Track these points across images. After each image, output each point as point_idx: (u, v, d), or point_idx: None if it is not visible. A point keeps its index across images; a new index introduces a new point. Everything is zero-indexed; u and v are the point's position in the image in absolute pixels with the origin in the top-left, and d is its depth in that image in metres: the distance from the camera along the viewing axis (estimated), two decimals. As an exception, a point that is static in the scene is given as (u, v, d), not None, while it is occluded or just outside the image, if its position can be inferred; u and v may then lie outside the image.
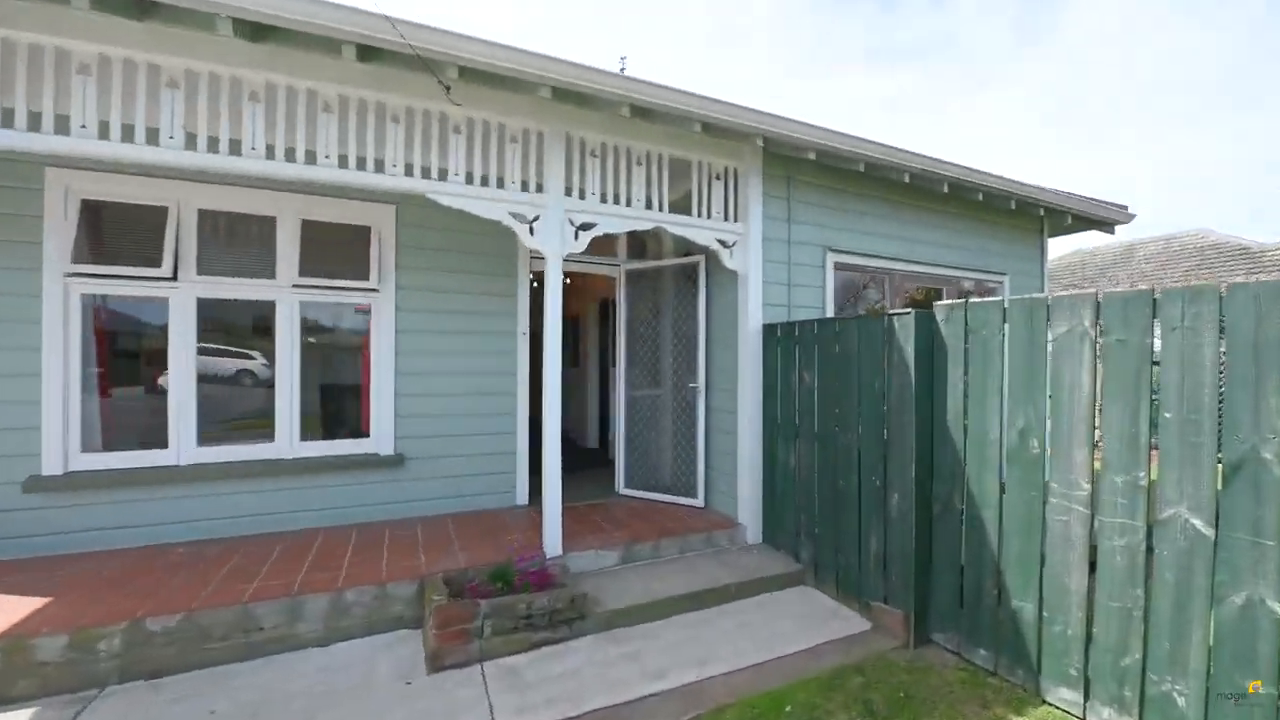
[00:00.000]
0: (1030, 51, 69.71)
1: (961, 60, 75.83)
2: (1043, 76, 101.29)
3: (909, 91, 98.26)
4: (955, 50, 65.03)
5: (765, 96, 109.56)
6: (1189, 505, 2.26)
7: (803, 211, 4.71)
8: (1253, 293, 2.12)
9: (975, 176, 4.92)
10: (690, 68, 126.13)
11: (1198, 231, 16.30)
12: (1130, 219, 6.13)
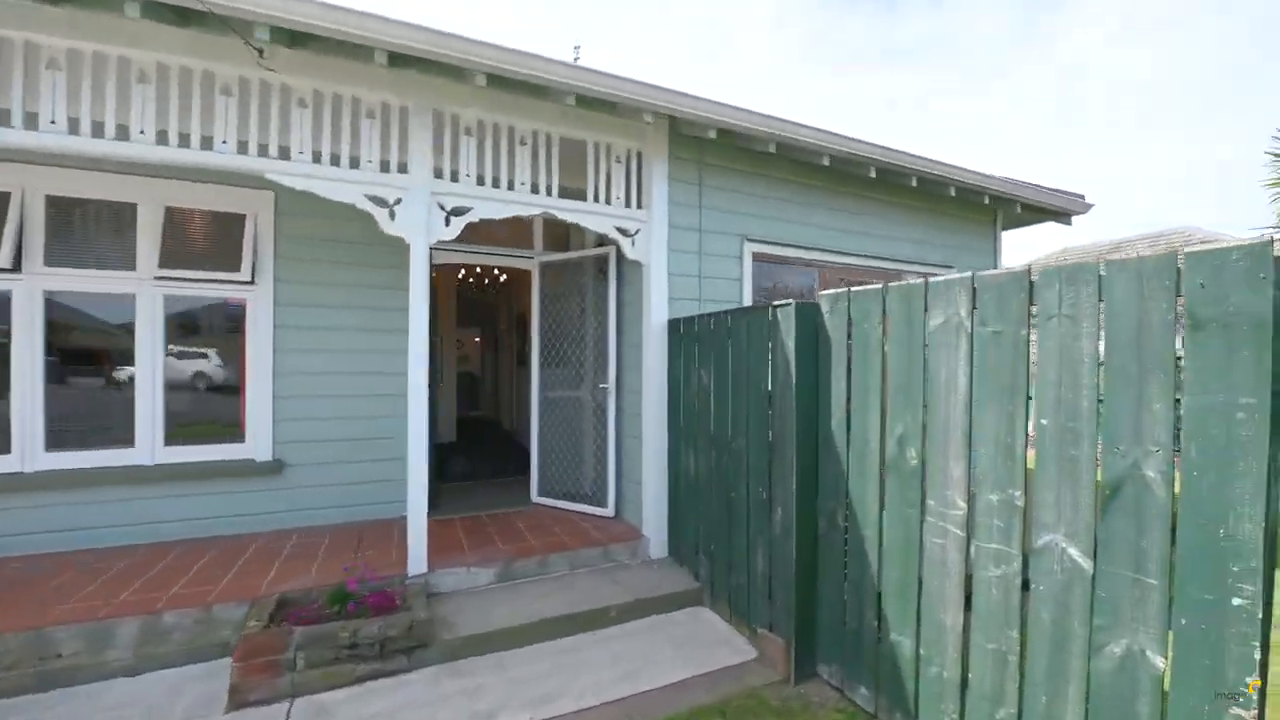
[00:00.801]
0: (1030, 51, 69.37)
1: (963, 60, 75.43)
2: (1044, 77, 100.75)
3: (923, 90, 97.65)
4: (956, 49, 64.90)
5: (766, 94, 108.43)
6: (1066, 532, 1.85)
7: (717, 198, 4.31)
8: (1135, 271, 1.71)
9: (906, 160, 4.50)
10: (691, 70, 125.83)
11: (1184, 229, 15.75)
12: (1087, 209, 5.68)
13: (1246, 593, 1.48)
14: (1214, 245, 1.58)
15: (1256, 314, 1.47)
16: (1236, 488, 1.50)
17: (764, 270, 4.60)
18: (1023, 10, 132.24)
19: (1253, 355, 1.48)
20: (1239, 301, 1.50)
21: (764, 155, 4.34)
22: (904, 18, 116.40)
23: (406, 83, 3.33)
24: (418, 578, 3.37)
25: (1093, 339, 1.81)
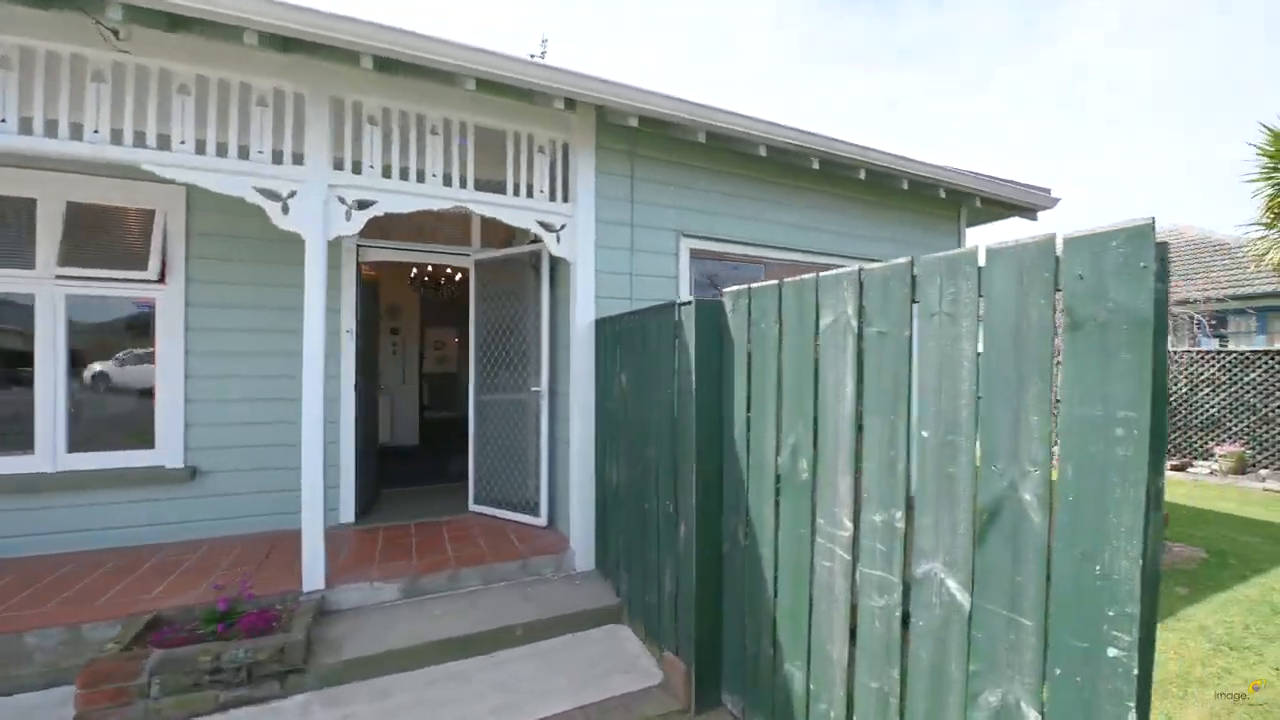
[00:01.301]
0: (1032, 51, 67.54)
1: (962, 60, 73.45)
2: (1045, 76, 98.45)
3: (923, 90, 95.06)
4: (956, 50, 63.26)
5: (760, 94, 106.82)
6: (944, 560, 1.60)
7: (651, 191, 4.06)
8: (1014, 261, 1.47)
9: (852, 151, 4.25)
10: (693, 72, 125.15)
11: (1175, 228, 15.40)
12: (1054, 203, 5.41)
13: (1122, 642, 1.23)
14: (1095, 230, 1.33)
15: (1136, 311, 1.22)
16: (1113, 517, 1.25)
17: (705, 268, 4.35)
18: (1022, 10, 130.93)
19: (1133, 360, 1.23)
20: (1118, 296, 1.26)
21: (703, 147, 4.09)
22: (904, 18, 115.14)
23: (300, 69, 3.11)
24: (312, 594, 3.15)
25: (972, 340, 1.56)
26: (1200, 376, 8.43)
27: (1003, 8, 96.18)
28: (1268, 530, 5.40)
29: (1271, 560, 4.55)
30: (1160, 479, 1.23)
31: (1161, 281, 1.22)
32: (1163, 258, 1.23)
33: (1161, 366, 1.22)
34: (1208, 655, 3.07)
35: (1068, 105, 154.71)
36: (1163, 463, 1.24)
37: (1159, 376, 1.21)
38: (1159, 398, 1.21)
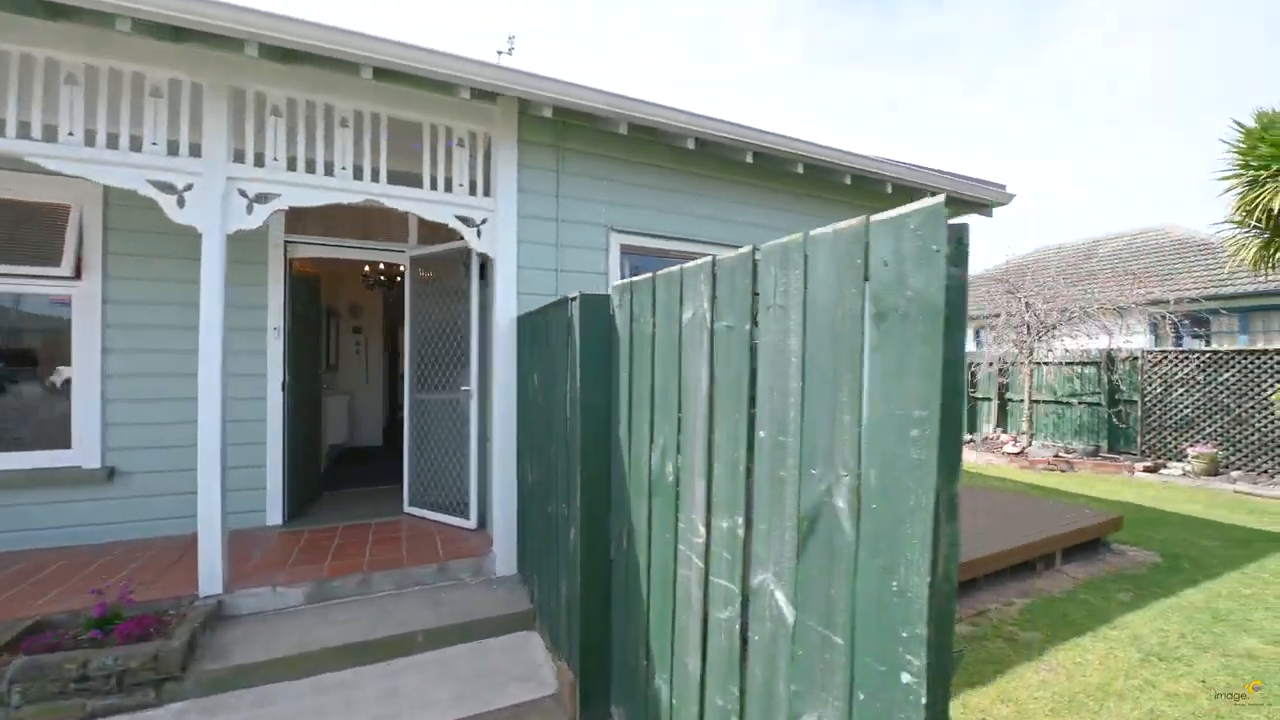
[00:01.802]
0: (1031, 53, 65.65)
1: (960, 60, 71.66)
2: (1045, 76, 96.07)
3: (923, 90, 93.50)
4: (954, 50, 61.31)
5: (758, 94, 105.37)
6: (774, 571, 1.48)
7: (579, 186, 3.94)
8: (830, 247, 1.35)
9: (785, 144, 4.11)
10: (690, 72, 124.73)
11: (1161, 227, 15.22)
12: (1009, 199, 5.27)
13: (914, 667, 1.10)
14: (897, 213, 1.21)
15: (929, 299, 1.09)
16: (908, 528, 1.12)
17: (641, 265, 4.22)
18: (1021, 10, 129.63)
19: (928, 353, 1.10)
20: (916, 284, 1.13)
21: (633, 141, 3.98)
22: (904, 18, 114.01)
23: (196, 59, 2.99)
24: (208, 599, 3.03)
25: (799, 334, 1.44)
26: (1174, 377, 8.26)
27: (1002, 8, 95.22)
28: (1228, 533, 5.24)
29: (1225, 564, 4.40)
30: (953, 485, 1.10)
31: (956, 266, 1.09)
32: (959, 240, 1.10)
33: (956, 360, 1.09)
34: (1134, 666, 2.93)
35: (1067, 105, 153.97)
36: (956, 467, 1.11)
37: (952, 371, 1.08)
38: (951, 394, 1.08)
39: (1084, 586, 3.96)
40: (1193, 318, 12.25)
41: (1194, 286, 12.10)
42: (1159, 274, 13.22)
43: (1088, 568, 4.30)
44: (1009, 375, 10.33)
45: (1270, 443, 7.32)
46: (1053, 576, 4.14)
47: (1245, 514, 5.97)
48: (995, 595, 3.82)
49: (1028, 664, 2.95)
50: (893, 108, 76.50)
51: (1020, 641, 3.18)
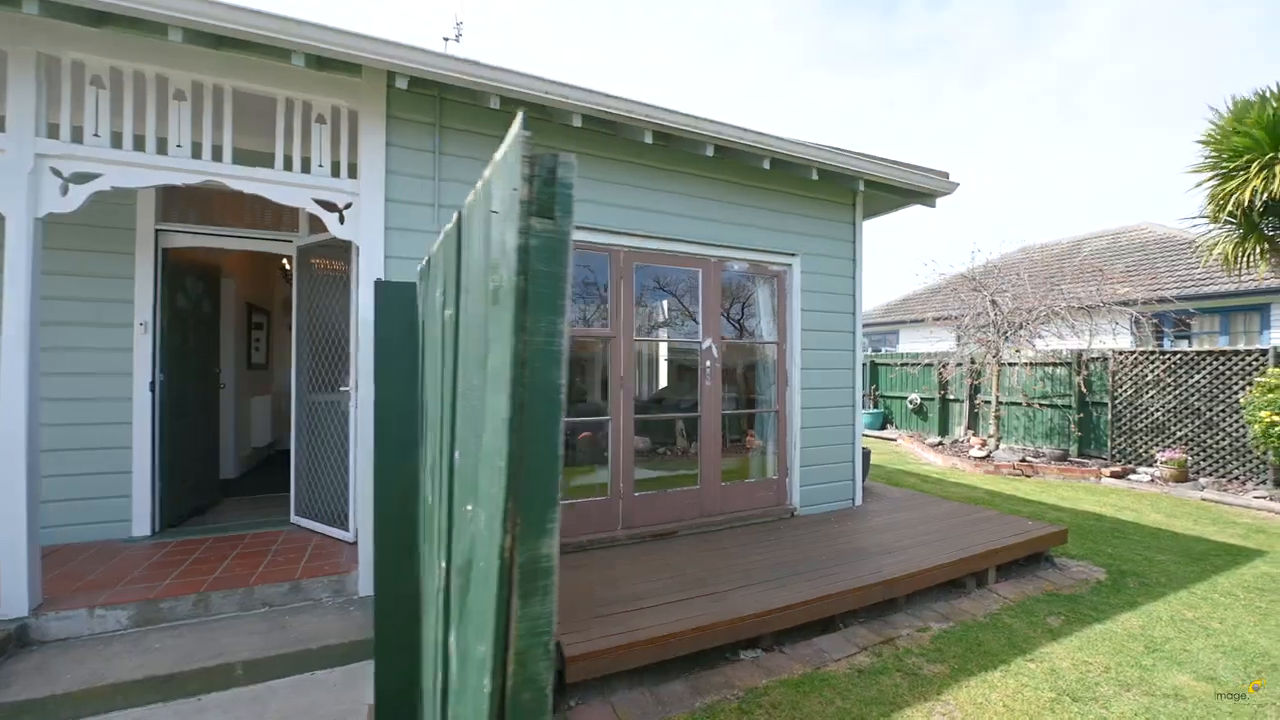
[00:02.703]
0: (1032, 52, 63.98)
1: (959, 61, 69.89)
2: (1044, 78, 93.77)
3: (924, 90, 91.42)
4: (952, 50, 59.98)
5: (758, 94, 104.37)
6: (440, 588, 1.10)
7: (465, 169, 3.58)
8: (478, 207, 0.97)
9: (691, 124, 3.73)
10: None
11: (1143, 225, 14.79)
12: (953, 188, 4.88)
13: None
14: (501, 150, 0.83)
15: (500, 263, 0.73)
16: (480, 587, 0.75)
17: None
18: (1019, 13, 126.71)
19: (499, 339, 0.74)
20: (501, 242, 0.76)
21: (530, 121, 3.61)
22: (904, 19, 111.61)
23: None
24: (9, 623, 2.67)
25: (462, 319, 1.07)
26: (1145, 379, 7.85)
27: (1001, 8, 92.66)
28: (1185, 546, 4.85)
29: (1174, 583, 4.01)
30: (537, 543, 0.74)
31: (546, 217, 0.73)
32: (549, 177, 0.73)
33: (545, 352, 0.73)
34: (1041, 709, 2.54)
35: (1066, 104, 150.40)
36: (543, 515, 0.74)
37: (532, 370, 0.72)
38: (526, 405, 0.72)
39: (1012, 609, 3.57)
40: (1175, 318, 11.82)
41: (1175, 286, 11.67)
42: (1141, 273, 12.79)
43: (1022, 586, 3.91)
44: (980, 377, 9.92)
45: (1240, 448, 6.90)
46: (982, 597, 3.76)
47: (1208, 524, 5.57)
48: (912, 619, 3.44)
49: (921, 705, 2.57)
50: (891, 107, 75.04)
51: (922, 676, 2.80)
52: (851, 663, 2.94)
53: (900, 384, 12.62)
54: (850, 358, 5.06)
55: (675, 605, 3.05)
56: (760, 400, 4.95)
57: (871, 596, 3.30)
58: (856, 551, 3.91)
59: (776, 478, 4.79)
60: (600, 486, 4.07)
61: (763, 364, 4.91)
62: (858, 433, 5.13)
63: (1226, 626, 3.36)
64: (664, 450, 4.91)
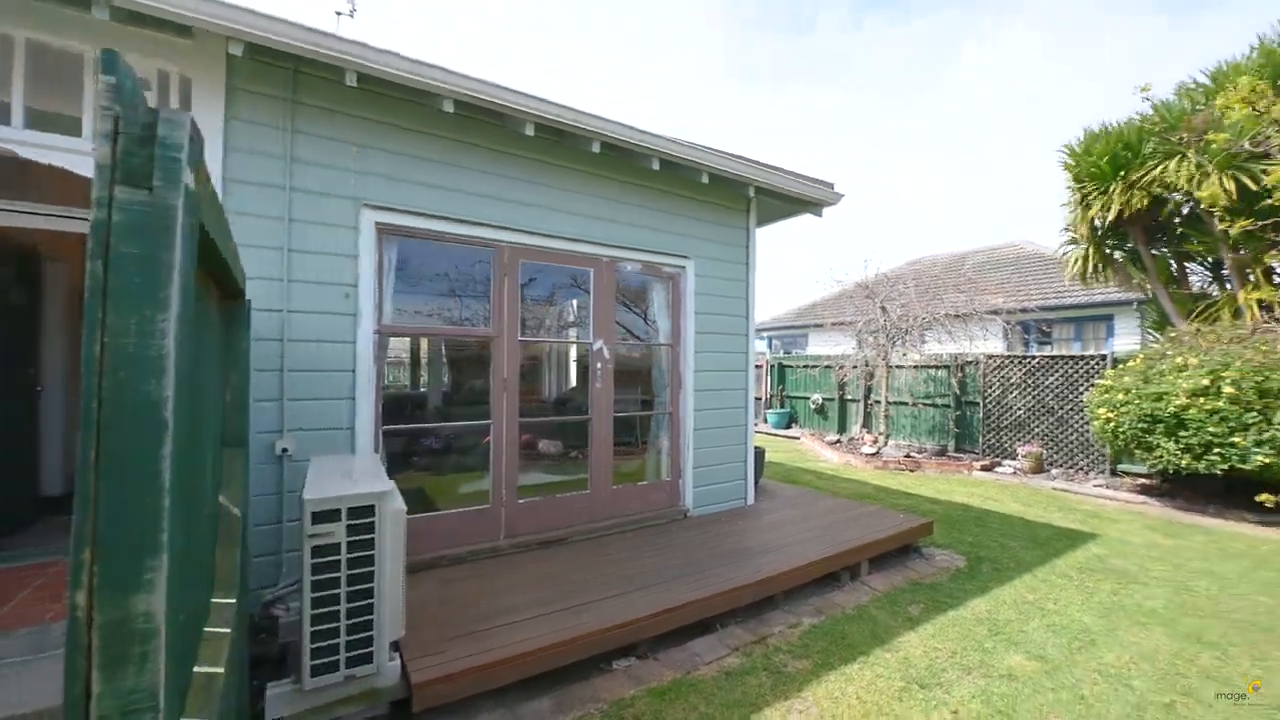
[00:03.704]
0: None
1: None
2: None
3: (841, 107, 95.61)
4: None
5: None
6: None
7: (322, 150, 3.26)
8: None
9: (571, 117, 3.62)
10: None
11: (1016, 243, 16.40)
12: (838, 199, 5.10)
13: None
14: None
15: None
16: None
17: (408, 249, 3.60)
18: (934, 33, 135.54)
19: None
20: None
21: (402, 103, 3.37)
22: (821, 37, 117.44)
23: None
24: None
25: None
26: (1010, 380, 8.65)
27: (915, 35, 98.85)
28: (1034, 532, 5.34)
29: (1020, 567, 4.38)
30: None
31: (155, 183, 0.57)
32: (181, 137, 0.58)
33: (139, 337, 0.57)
34: (892, 698, 2.65)
35: (979, 126, 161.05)
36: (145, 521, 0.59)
37: (110, 369, 0.56)
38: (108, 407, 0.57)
39: (879, 599, 3.74)
40: (1038, 326, 13.19)
41: (1040, 297, 13.02)
42: (1013, 285, 14.17)
43: (891, 577, 4.12)
44: (873, 378, 10.55)
45: (1085, 442, 7.76)
46: (854, 589, 3.92)
47: (1055, 511, 6.18)
48: (788, 615, 3.51)
49: (780, 704, 2.60)
50: (808, 122, 79.11)
51: (786, 674, 2.84)
52: (722, 665, 2.93)
53: (804, 385, 13.19)
54: (743, 360, 5.15)
55: (550, 617, 2.92)
56: (655, 402, 4.93)
57: (744, 598, 3.33)
58: (741, 551, 3.96)
59: (670, 479, 4.78)
60: (481, 494, 3.86)
61: (657, 366, 4.89)
62: (750, 433, 5.23)
63: (1059, 606, 3.69)
64: (553, 454, 4.76)
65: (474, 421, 3.99)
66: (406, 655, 2.53)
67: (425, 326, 4.29)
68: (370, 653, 2.27)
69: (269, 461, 3.11)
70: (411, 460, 4.57)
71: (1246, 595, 3.89)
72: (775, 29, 49.34)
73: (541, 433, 4.93)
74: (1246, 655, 3.06)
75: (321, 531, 2.15)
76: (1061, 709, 2.58)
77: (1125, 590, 3.96)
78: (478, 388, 4.12)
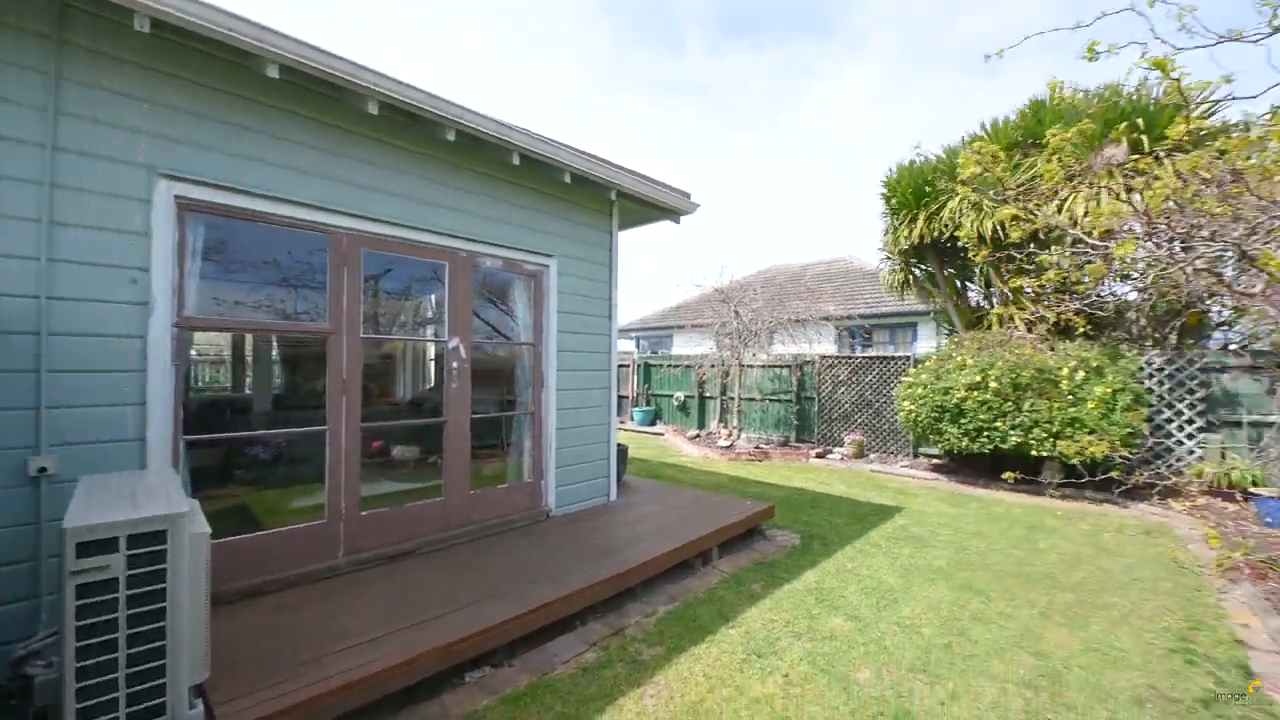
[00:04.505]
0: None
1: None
2: None
3: (704, 126, 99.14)
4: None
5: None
6: None
7: (102, 105, 2.69)
8: None
9: (415, 97, 3.40)
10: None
11: (848, 257, 18.70)
12: (694, 208, 5.41)
13: None
14: None
15: None
16: None
17: (218, 227, 3.12)
18: (788, 61, 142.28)
19: None
20: None
21: (231, 68, 2.89)
22: (687, 58, 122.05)
23: None
24: None
25: None
26: (839, 378, 9.84)
27: (774, 63, 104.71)
28: (855, 509, 6.12)
29: (843, 540, 4.99)
30: None
31: None
32: None
33: None
34: (733, 670, 2.86)
35: (831, 147, 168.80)
36: None
37: None
38: None
39: (727, 581, 4.03)
40: (862, 330, 15.18)
41: (865, 306, 15.00)
42: (844, 294, 16.15)
43: (738, 559, 4.47)
44: (728, 376, 11.36)
45: (895, 430, 9.10)
46: (706, 574, 4.17)
47: (873, 490, 7.16)
48: (645, 605, 3.63)
49: (636, 690, 2.68)
50: (670, 140, 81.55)
51: (641, 661, 2.94)
52: (579, 662, 2.95)
53: (669, 383, 13.79)
54: (606, 359, 5.23)
55: (396, 636, 2.71)
56: (518, 402, 4.81)
57: (602, 593, 3.39)
58: (601, 548, 4.01)
59: (532, 480, 4.69)
60: (314, 509, 3.46)
61: (520, 365, 4.78)
62: (613, 432, 5.33)
63: (871, 571, 4.26)
64: (407, 461, 4.44)
65: (308, 428, 3.57)
66: (215, 699, 2.18)
67: (244, 320, 3.73)
68: (163, 703, 1.92)
69: (20, 484, 2.50)
70: (233, 474, 3.98)
71: (1003, 549, 4.83)
72: (648, 45, 50.89)
73: (393, 438, 4.57)
74: (1002, 598, 3.80)
75: (91, 566, 1.77)
76: (870, 659, 2.99)
77: (920, 553, 4.70)
78: (317, 390, 3.69)
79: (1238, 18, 2.10)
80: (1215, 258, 3.10)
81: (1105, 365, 6.54)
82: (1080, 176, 6.28)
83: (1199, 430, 6.68)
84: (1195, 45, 2.08)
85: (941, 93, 55.01)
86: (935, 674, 2.86)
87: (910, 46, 58.98)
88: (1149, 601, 3.76)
